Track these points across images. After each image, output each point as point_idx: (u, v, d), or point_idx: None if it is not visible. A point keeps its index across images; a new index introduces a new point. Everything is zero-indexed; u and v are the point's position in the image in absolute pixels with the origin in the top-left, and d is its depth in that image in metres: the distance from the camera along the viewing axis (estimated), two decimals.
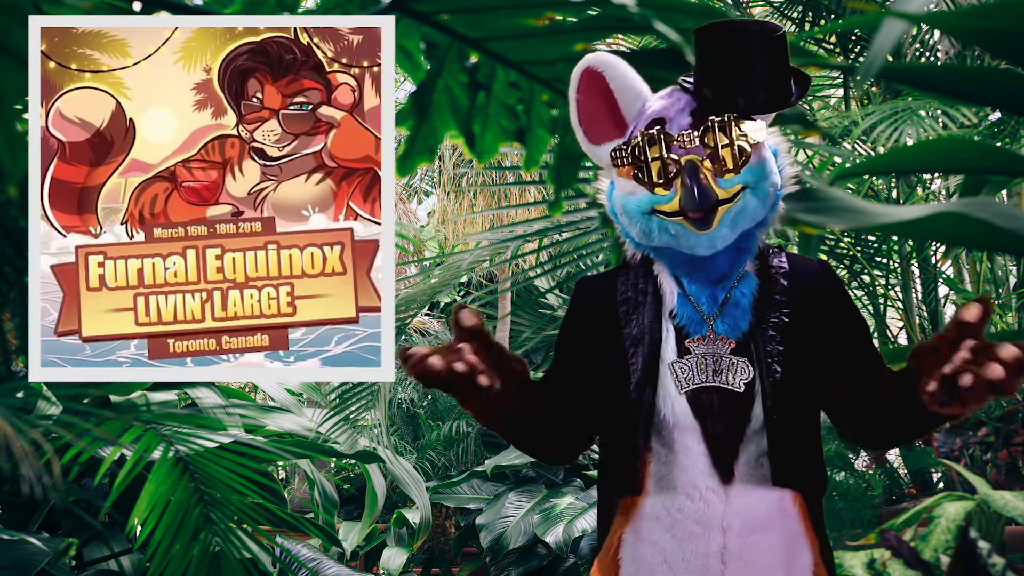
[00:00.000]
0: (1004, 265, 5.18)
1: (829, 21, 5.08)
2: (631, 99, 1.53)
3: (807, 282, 1.55)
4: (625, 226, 1.53)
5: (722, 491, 1.45)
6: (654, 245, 1.51)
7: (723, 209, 1.45)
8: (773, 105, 1.48)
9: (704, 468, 1.46)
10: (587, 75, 1.53)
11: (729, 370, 1.48)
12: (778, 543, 1.45)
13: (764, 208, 1.48)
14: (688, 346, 1.50)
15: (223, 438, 2.38)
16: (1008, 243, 1.40)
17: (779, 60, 1.43)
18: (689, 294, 1.53)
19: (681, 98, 1.50)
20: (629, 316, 1.55)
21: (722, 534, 1.44)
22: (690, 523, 1.45)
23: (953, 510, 2.70)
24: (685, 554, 1.44)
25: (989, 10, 0.94)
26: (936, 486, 4.46)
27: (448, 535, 6.87)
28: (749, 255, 1.53)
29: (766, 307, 1.51)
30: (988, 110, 4.42)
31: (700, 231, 1.45)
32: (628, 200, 1.50)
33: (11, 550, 2.44)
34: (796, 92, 1.47)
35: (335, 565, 3.35)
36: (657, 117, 1.49)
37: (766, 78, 1.43)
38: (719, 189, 1.44)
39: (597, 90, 1.53)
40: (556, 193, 1.89)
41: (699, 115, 1.46)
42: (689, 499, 1.46)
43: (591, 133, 1.55)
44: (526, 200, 7.12)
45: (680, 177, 1.44)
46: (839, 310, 1.55)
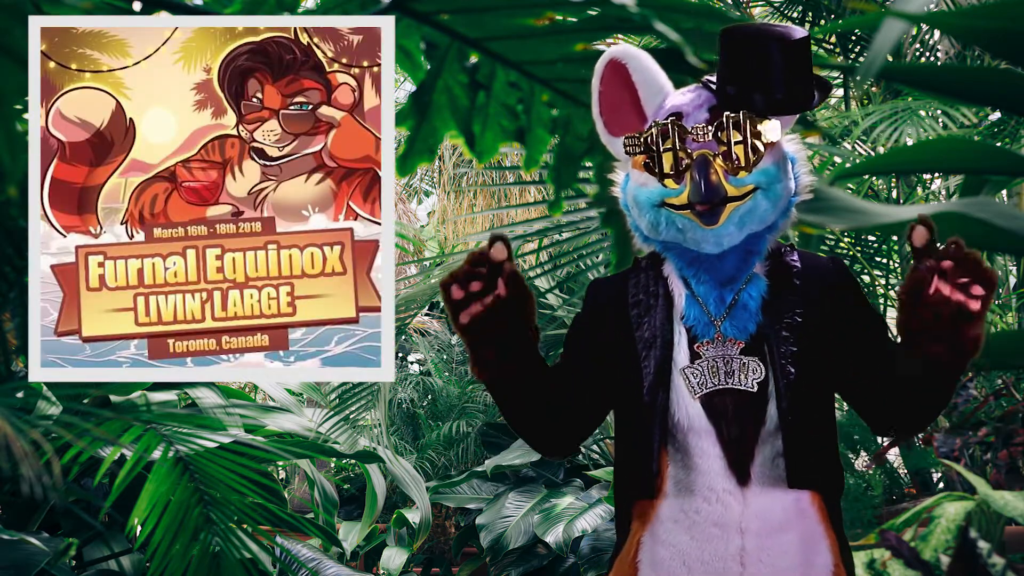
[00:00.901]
0: (1004, 265, 5.18)
1: (829, 21, 5.08)
2: (653, 93, 1.53)
3: (820, 281, 1.55)
4: (635, 218, 1.54)
5: (739, 493, 1.45)
6: (661, 239, 1.51)
7: (732, 206, 1.45)
8: (792, 107, 1.48)
9: (720, 470, 1.46)
10: (611, 67, 1.53)
11: (741, 371, 1.47)
12: (796, 544, 1.45)
13: (775, 212, 1.48)
14: (698, 350, 1.49)
15: (223, 438, 2.38)
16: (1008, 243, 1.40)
17: (800, 62, 1.44)
18: (697, 295, 1.52)
19: (702, 95, 1.50)
20: (641, 319, 1.55)
21: (740, 536, 1.44)
22: (708, 525, 1.45)
23: (953, 510, 2.70)
24: (704, 556, 1.44)
25: (989, 10, 0.94)
26: (936, 486, 4.46)
27: (448, 535, 6.86)
28: (758, 258, 1.52)
29: (778, 307, 1.51)
30: (988, 110, 4.42)
31: (706, 226, 1.45)
32: (640, 191, 1.50)
33: (11, 550, 2.44)
34: (817, 96, 1.47)
35: (335, 565, 3.34)
36: (675, 111, 1.49)
37: (786, 80, 1.44)
38: (729, 186, 1.44)
39: (620, 82, 1.54)
40: (556, 193, 1.89)
41: (717, 112, 1.47)
42: (706, 501, 1.46)
43: (611, 125, 1.56)
44: (526, 200, 7.11)
45: (690, 170, 1.44)
46: (854, 307, 1.55)
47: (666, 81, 1.54)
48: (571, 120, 1.79)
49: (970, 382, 3.74)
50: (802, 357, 1.48)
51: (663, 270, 1.57)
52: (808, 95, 1.46)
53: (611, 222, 1.90)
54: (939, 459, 3.50)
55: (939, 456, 3.43)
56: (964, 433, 3.43)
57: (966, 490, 3.26)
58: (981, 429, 3.45)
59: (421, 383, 8.62)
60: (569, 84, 1.74)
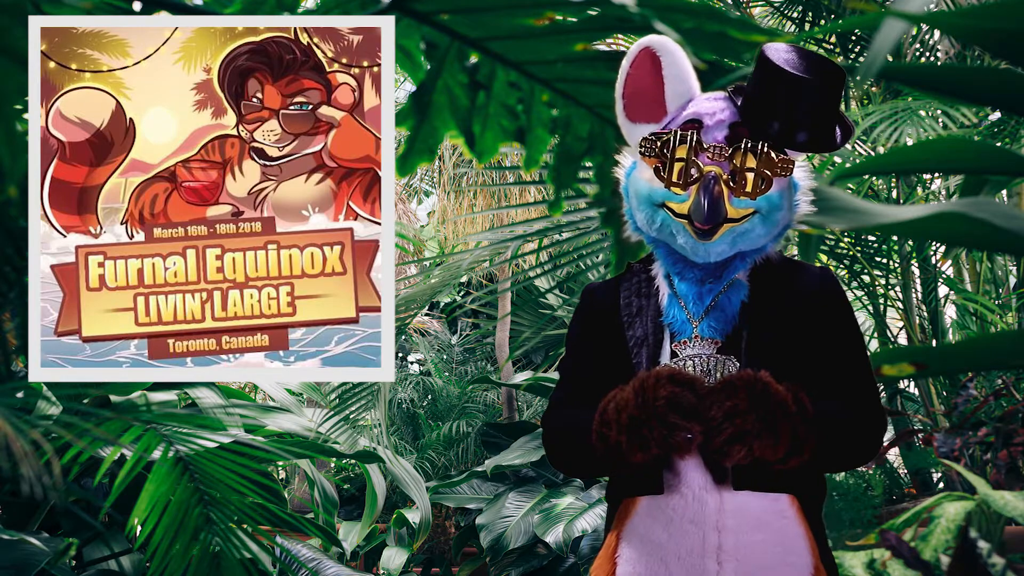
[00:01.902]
0: (1004, 265, 5.18)
1: (829, 21, 5.08)
2: (680, 90, 1.53)
3: (804, 290, 1.55)
4: (632, 207, 1.54)
5: (716, 491, 1.46)
6: (653, 235, 1.53)
7: (728, 226, 1.46)
8: (812, 148, 1.49)
9: (697, 468, 1.47)
10: (645, 54, 1.53)
11: (718, 369, 1.48)
12: (773, 543, 1.45)
13: (767, 237, 1.50)
14: (675, 349, 1.51)
15: (223, 438, 2.38)
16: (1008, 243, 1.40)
17: (829, 104, 1.43)
18: (678, 294, 1.54)
19: (726, 109, 1.50)
20: (632, 319, 1.56)
21: (717, 533, 1.44)
22: (684, 522, 1.46)
23: (953, 510, 2.69)
24: (680, 552, 1.45)
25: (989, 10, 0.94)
26: (936, 486, 4.46)
27: (448, 535, 6.86)
28: (742, 267, 1.53)
29: (758, 311, 1.51)
30: (988, 110, 4.41)
31: (700, 240, 1.47)
32: (644, 186, 1.50)
33: (11, 550, 2.44)
34: (839, 138, 1.47)
35: (335, 565, 3.34)
36: (696, 118, 1.49)
37: (812, 121, 1.43)
38: (731, 207, 1.45)
39: (650, 70, 1.53)
40: (556, 193, 1.89)
41: (736, 130, 1.47)
42: (683, 498, 1.47)
43: (631, 109, 1.55)
44: (526, 200, 7.11)
45: (698, 188, 1.45)
46: (829, 325, 1.54)
47: (695, 82, 1.54)
48: (571, 120, 1.79)
49: (970, 382, 3.74)
50: (777, 358, 1.47)
51: (653, 273, 1.59)
52: (830, 139, 1.46)
53: (611, 222, 1.89)
54: (939, 459, 3.50)
55: (939, 456, 3.43)
56: (964, 433, 3.43)
57: (966, 490, 3.26)
58: (981, 429, 3.45)
59: (421, 383, 8.62)
60: (569, 84, 1.74)
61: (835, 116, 1.46)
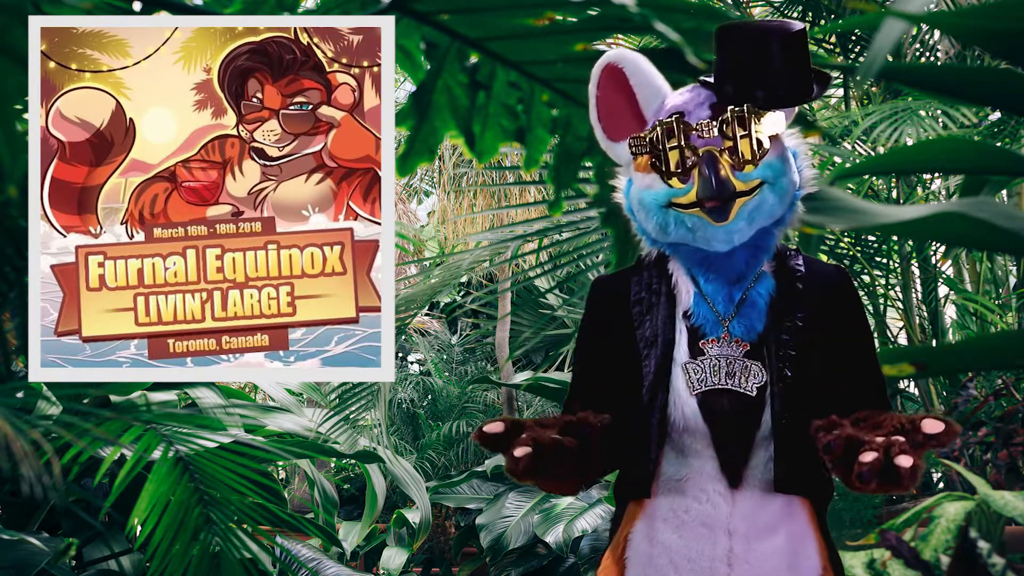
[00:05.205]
0: (1004, 265, 5.17)
1: (829, 21, 5.08)
2: (651, 96, 1.52)
3: (822, 286, 1.54)
4: (641, 222, 1.52)
5: (729, 495, 1.45)
6: (670, 241, 1.50)
7: (741, 202, 1.44)
8: (793, 99, 1.48)
9: (712, 472, 1.46)
10: (607, 71, 1.53)
11: (742, 373, 1.47)
12: (784, 547, 1.45)
13: (782, 205, 1.48)
14: (702, 347, 1.49)
15: (223, 438, 2.38)
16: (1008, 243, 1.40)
17: (798, 55, 1.43)
18: (705, 294, 1.52)
19: (701, 93, 1.50)
20: (643, 317, 1.54)
21: (728, 537, 1.44)
22: (696, 525, 1.45)
23: (953, 510, 2.69)
24: (691, 555, 1.44)
25: (989, 10, 0.94)
26: (936, 486, 4.46)
27: (448, 535, 6.86)
28: (767, 254, 1.52)
29: (782, 309, 1.50)
30: (988, 110, 4.41)
31: (717, 222, 1.44)
32: (645, 194, 1.49)
33: (11, 550, 2.44)
34: (817, 88, 1.47)
35: (335, 565, 3.34)
36: (677, 111, 1.48)
37: (786, 72, 1.43)
38: (737, 181, 1.44)
39: (617, 86, 1.53)
40: (556, 193, 1.89)
41: (718, 108, 1.46)
42: (696, 501, 1.46)
43: (610, 129, 1.55)
44: (526, 200, 7.11)
45: (698, 167, 1.44)
46: (847, 323, 1.54)
47: (664, 83, 1.54)
48: (571, 120, 1.79)
49: (970, 382, 3.74)
50: (799, 361, 1.47)
51: (668, 268, 1.56)
52: (808, 87, 1.45)
53: (611, 222, 1.89)
54: (939, 459, 3.50)
55: (939, 456, 3.43)
56: (964, 433, 3.43)
57: (966, 490, 3.25)
58: (981, 429, 3.45)
59: (421, 383, 8.62)
60: (569, 84, 1.74)
61: (808, 65, 1.45)
